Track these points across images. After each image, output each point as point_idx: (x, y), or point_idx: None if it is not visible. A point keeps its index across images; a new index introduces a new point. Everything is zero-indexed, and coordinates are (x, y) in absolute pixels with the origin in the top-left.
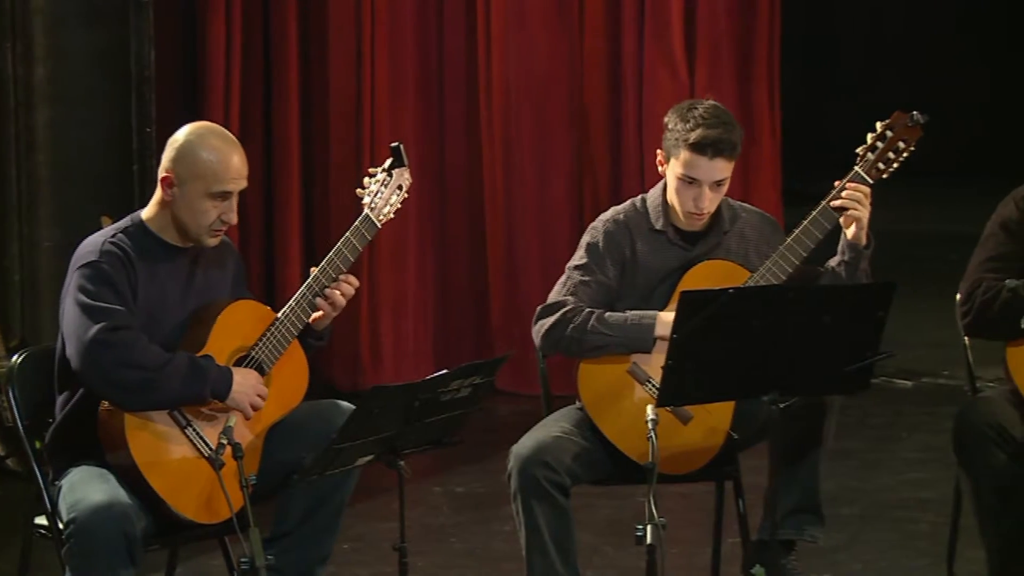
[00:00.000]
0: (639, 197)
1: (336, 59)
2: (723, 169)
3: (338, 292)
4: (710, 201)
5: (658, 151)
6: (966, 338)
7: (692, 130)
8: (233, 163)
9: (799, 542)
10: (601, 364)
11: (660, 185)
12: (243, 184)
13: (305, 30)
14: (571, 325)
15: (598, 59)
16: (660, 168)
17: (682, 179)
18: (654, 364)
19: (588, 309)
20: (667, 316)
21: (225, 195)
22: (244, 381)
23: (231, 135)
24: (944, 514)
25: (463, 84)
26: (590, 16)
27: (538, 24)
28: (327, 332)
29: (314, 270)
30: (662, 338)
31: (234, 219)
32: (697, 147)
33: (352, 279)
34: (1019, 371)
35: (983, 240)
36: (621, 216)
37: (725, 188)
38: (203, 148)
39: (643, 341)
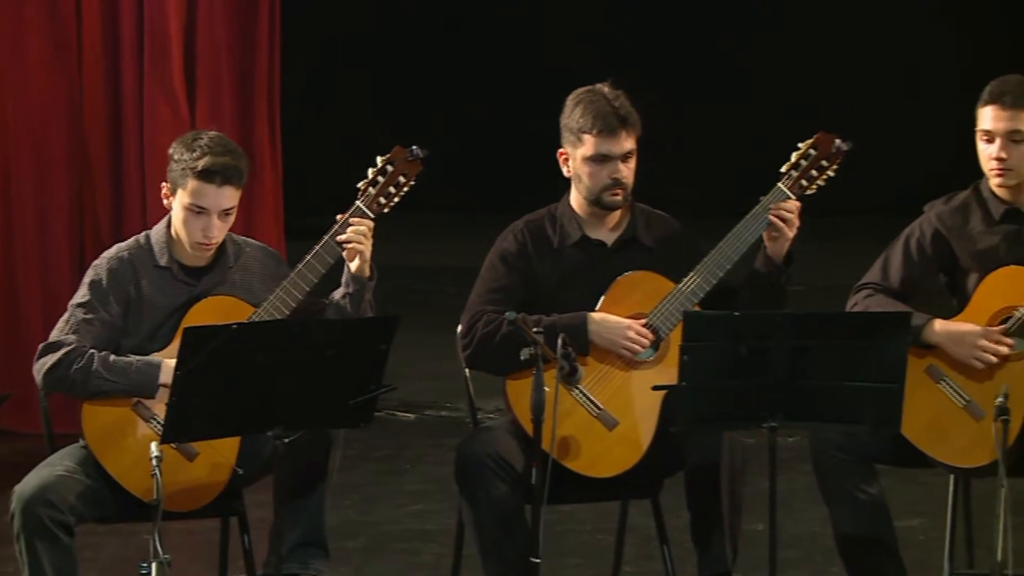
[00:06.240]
0: (143, 234)
1: None
2: (231, 197)
3: None
4: (219, 231)
5: (163, 184)
6: (467, 370)
7: (199, 158)
8: None
9: None
10: (105, 403)
11: (164, 221)
12: None
13: None
14: (74, 367)
15: (97, 94)
16: (166, 201)
17: (190, 209)
18: (159, 402)
19: (92, 351)
20: (172, 363)
21: None
22: None
23: None
24: (448, 545)
25: None
26: (88, 50)
27: (34, 57)
28: None
29: None
30: (166, 386)
31: None
32: (205, 175)
33: None
34: (519, 402)
35: (483, 273)
36: (125, 253)
37: (233, 218)
38: None
39: (148, 387)
